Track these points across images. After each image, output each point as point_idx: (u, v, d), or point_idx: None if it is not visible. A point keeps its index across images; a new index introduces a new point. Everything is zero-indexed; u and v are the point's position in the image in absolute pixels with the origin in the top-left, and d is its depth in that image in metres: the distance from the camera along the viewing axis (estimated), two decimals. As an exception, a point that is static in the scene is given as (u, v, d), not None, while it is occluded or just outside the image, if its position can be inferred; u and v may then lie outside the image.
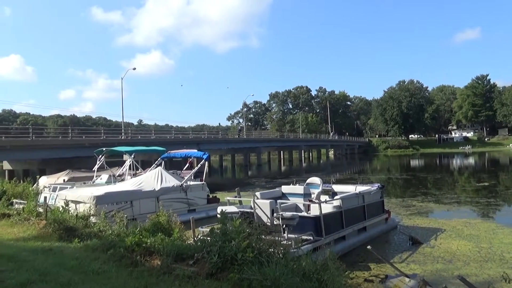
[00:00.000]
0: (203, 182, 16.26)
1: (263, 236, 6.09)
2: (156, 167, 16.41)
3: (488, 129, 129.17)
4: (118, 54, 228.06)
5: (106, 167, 20.19)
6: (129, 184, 14.58)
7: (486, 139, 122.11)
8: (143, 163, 25.25)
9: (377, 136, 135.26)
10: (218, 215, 7.58)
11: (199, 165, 16.97)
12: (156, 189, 13.97)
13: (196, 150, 20.95)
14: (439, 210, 15.93)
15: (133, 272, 5.74)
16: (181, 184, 14.87)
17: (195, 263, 5.64)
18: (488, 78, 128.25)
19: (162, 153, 19.67)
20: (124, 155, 22.18)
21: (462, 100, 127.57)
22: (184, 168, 20.19)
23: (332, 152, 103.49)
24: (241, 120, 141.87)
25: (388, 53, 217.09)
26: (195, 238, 7.18)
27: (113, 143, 30.21)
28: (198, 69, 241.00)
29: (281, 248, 5.59)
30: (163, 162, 18.01)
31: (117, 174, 19.05)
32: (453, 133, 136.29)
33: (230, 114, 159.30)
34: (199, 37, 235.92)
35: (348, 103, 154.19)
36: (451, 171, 42.30)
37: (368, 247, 7.19)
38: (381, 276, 7.59)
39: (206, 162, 16.72)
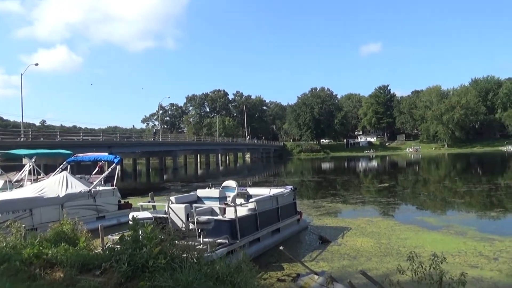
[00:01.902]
0: (114, 187, 15.46)
1: (177, 242, 5.95)
2: (61, 172, 15.21)
3: (388, 134, 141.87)
4: (17, 47, 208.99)
5: (2, 172, 18.22)
6: (28, 190, 13.28)
7: (387, 144, 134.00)
8: (47, 168, 23.29)
9: (291, 140, 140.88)
10: (130, 222, 7.25)
11: (109, 169, 16.12)
12: (61, 196, 12.93)
13: (107, 154, 19.86)
14: (346, 210, 16.98)
15: (31, 286, 5.23)
16: (89, 190, 13.96)
17: (103, 273, 5.32)
18: (388, 88, 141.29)
19: (68, 156, 18.34)
20: (23, 159, 20.20)
21: (366, 108, 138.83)
22: (94, 173, 19.03)
23: (249, 155, 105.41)
24: (156, 123, 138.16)
25: (302, 61, 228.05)
26: (104, 247, 6.78)
27: (10, 145, 27.47)
28: (109, 68, 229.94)
29: (195, 253, 5.51)
30: (69, 166, 16.79)
31: (14, 180, 17.25)
32: (359, 138, 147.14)
33: (145, 116, 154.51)
34: (110, 35, 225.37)
35: (264, 108, 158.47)
36: (357, 173, 45.43)
37: (281, 247, 7.42)
38: (293, 275, 7.86)
39: (118, 166, 15.93)
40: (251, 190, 12.64)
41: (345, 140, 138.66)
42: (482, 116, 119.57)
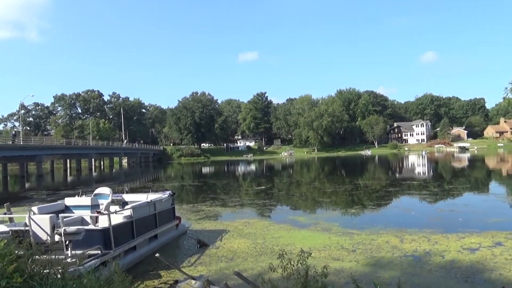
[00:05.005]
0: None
1: (38, 257, 5.34)
2: None
3: (266, 139, 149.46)
4: None
5: None
6: None
7: (264, 148, 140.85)
8: None
9: (171, 144, 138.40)
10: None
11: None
12: None
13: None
14: (225, 212, 17.32)
15: None
16: None
17: None
18: (266, 95, 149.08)
19: None
20: None
21: (246, 113, 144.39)
22: None
23: (126, 160, 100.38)
24: (17, 124, 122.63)
25: (182, 65, 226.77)
26: None
27: None
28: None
29: (59, 267, 5.01)
30: None
31: None
32: (238, 142, 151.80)
33: (2, 116, 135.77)
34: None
35: (143, 110, 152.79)
36: (236, 177, 46.68)
37: (157, 255, 7.23)
38: (170, 282, 7.73)
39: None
40: (127, 197, 12.09)
41: (225, 145, 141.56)
42: (345, 123, 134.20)
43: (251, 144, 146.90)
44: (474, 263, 8.41)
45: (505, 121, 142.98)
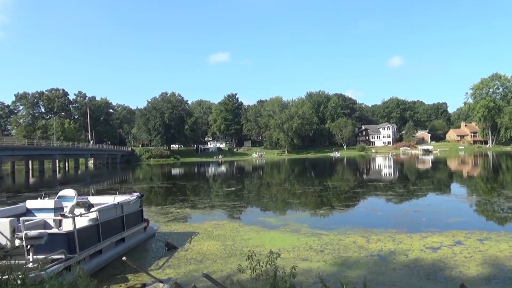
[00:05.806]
0: None
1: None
2: None
3: (236, 140, 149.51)
4: None
5: None
6: None
7: (235, 150, 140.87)
8: None
9: (140, 145, 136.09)
10: None
11: None
12: None
13: None
14: (195, 214, 17.14)
15: None
16: None
17: None
18: (236, 96, 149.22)
19: None
20: None
21: (216, 115, 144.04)
22: None
23: (92, 161, 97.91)
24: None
25: (151, 64, 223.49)
26: None
27: None
28: None
29: (19, 273, 4.83)
30: None
31: None
32: (209, 144, 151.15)
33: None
34: None
35: (111, 110, 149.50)
36: (207, 178, 46.35)
37: (124, 258, 7.10)
38: (137, 286, 7.59)
39: None
40: (93, 199, 11.82)
41: (195, 146, 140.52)
42: (315, 125, 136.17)
43: (222, 145, 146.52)
44: (436, 262, 8.72)
45: (465, 125, 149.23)
